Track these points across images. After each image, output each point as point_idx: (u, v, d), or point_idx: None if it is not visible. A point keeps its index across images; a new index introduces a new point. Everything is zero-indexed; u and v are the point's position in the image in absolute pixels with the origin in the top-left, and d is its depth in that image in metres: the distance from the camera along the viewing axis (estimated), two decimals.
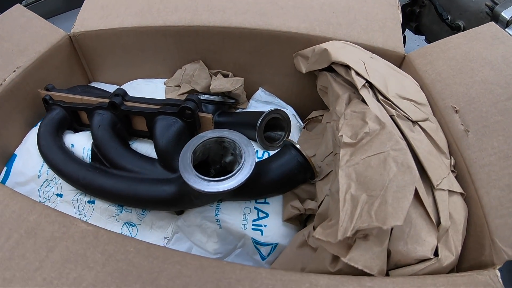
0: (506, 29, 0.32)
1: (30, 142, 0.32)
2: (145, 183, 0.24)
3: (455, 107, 0.21)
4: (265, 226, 0.23)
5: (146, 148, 0.28)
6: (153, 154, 0.28)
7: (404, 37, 0.42)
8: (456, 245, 0.16)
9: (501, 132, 0.19)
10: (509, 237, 0.16)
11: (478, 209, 0.17)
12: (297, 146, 0.22)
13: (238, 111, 0.33)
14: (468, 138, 0.20)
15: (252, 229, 0.23)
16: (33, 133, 0.32)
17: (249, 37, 0.29)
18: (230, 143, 0.20)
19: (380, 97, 0.21)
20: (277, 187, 0.22)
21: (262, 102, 0.33)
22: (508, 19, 0.31)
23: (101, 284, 0.13)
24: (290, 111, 0.32)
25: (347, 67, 0.23)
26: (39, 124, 0.34)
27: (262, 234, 0.22)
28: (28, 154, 0.31)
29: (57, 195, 0.29)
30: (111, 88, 0.38)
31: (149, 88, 0.36)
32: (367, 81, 0.21)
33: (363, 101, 0.20)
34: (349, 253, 0.14)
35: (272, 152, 0.26)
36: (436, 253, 0.15)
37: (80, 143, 0.30)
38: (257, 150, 0.26)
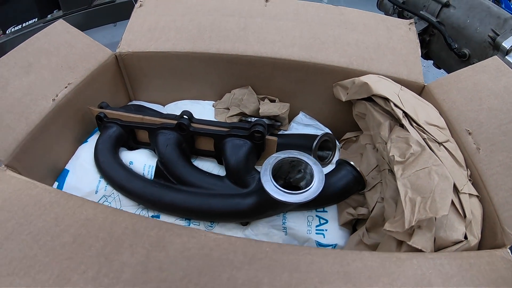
0: (506, 57, 0.45)
1: (83, 158, 0.39)
2: (218, 198, 0.32)
3: (469, 130, 0.33)
4: (326, 230, 0.32)
5: (207, 166, 0.37)
6: (214, 172, 0.36)
7: None
8: (477, 232, 0.26)
9: (505, 149, 0.30)
10: None
11: (490, 206, 0.28)
12: (352, 163, 0.32)
13: (281, 132, 0.43)
14: (480, 154, 0.31)
15: (316, 233, 0.32)
16: (85, 149, 0.40)
17: (296, 68, 0.39)
18: (301, 163, 0.30)
19: (414, 124, 0.31)
20: (336, 198, 0.32)
21: (302, 124, 0.43)
22: (508, 48, 0.45)
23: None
24: (327, 131, 0.43)
25: (386, 99, 0.33)
26: (89, 140, 0.41)
27: (324, 237, 0.32)
28: (83, 170, 0.39)
29: None
30: (154, 108, 0.47)
31: (195, 109, 0.45)
32: (403, 112, 0.32)
33: (403, 127, 0.31)
34: (412, 238, 0.23)
35: (323, 169, 0.36)
36: (465, 237, 0.25)
37: (140, 160, 0.38)
38: None
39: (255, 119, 0.41)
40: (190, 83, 0.44)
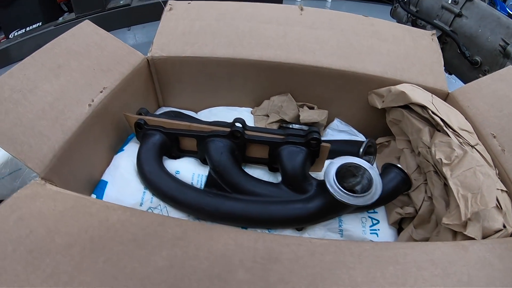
0: None
1: (123, 168, 0.42)
2: (278, 204, 0.37)
3: (493, 134, 0.42)
4: (378, 230, 0.39)
5: (257, 173, 0.42)
6: (264, 179, 0.42)
7: None
8: (511, 221, 0.34)
9: None
10: None
11: None
12: (399, 165, 0.39)
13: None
14: (505, 155, 0.40)
15: (370, 233, 0.39)
16: (123, 158, 0.43)
17: (336, 76, 0.46)
18: (359, 168, 0.36)
19: (450, 129, 0.40)
20: (387, 199, 0.39)
21: (337, 130, 0.50)
22: None
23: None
24: (361, 138, 0.50)
25: (423, 107, 0.41)
26: (125, 148, 0.45)
27: (377, 236, 0.39)
28: (124, 180, 0.41)
29: None
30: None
31: (232, 115, 0.50)
32: (440, 118, 0.40)
33: (443, 132, 0.39)
34: (466, 229, 0.31)
35: None
36: (504, 226, 0.33)
37: (187, 170, 0.42)
38: None
39: (296, 125, 0.47)
40: (227, 89, 0.49)
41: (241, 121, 0.40)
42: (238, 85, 0.49)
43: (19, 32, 1.34)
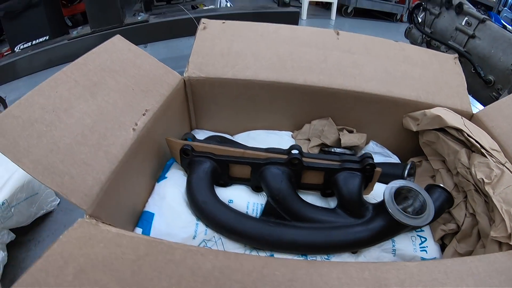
0: None
1: (171, 198, 0.45)
2: (338, 230, 0.45)
3: None
4: (427, 247, 0.49)
5: (310, 199, 0.50)
6: (317, 204, 0.50)
7: None
8: None
9: None
10: None
11: None
12: (441, 185, 0.50)
13: None
14: None
15: (420, 250, 0.48)
16: (168, 188, 0.47)
17: (375, 101, 0.56)
18: (412, 191, 0.46)
19: (484, 150, 0.52)
20: (434, 217, 0.49)
21: (372, 152, 0.60)
22: None
23: None
24: (395, 159, 0.61)
25: (459, 130, 0.53)
26: (168, 176, 0.49)
27: (426, 253, 0.48)
28: (173, 212, 0.44)
29: None
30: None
31: (272, 139, 0.57)
32: (475, 140, 0.52)
33: (478, 153, 0.50)
34: (511, 240, 0.42)
35: None
36: None
37: (242, 198, 0.48)
38: None
39: (338, 149, 0.57)
40: (267, 112, 0.57)
41: (298, 148, 0.48)
42: (279, 109, 0.56)
43: (25, 46, 1.40)
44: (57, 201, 0.81)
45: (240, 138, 0.59)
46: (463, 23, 0.79)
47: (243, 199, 0.48)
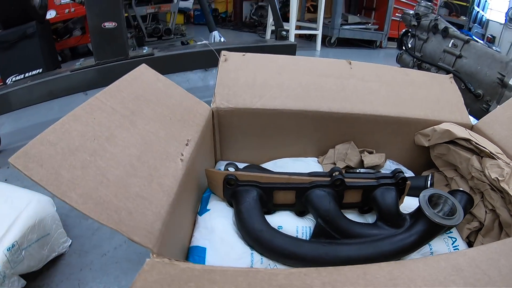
0: None
1: (221, 230, 0.52)
2: (385, 241, 0.58)
3: None
4: (458, 245, 0.63)
5: (350, 217, 0.63)
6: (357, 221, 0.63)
7: None
8: None
9: None
10: None
11: None
12: (461, 189, 0.66)
13: None
14: None
15: (453, 249, 0.63)
16: (215, 220, 0.53)
17: (391, 122, 0.71)
18: (441, 197, 0.61)
19: (493, 154, 0.70)
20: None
21: (388, 170, 0.76)
22: None
23: None
24: (410, 174, 0.77)
25: (467, 140, 0.71)
26: (210, 208, 0.56)
27: (459, 250, 0.63)
28: (226, 244, 0.50)
29: None
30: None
31: (299, 166, 0.70)
32: (483, 146, 0.70)
33: (488, 157, 0.68)
34: None
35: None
36: None
37: (290, 223, 0.58)
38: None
39: (362, 170, 0.72)
40: (294, 140, 0.70)
41: (339, 169, 0.61)
42: (305, 136, 0.68)
43: (18, 78, 1.51)
44: (69, 242, 0.83)
45: (267, 167, 0.67)
46: (449, 45, 1.02)
47: (291, 224, 0.57)
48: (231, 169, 0.56)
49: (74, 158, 0.35)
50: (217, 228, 0.52)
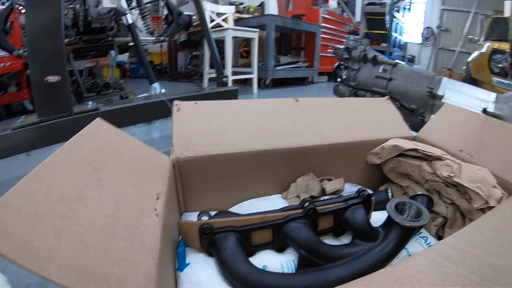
0: (442, 100, 1.07)
1: (207, 281, 0.52)
2: (367, 255, 0.63)
3: (460, 149, 0.82)
4: (430, 243, 0.69)
5: (328, 242, 0.68)
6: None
7: None
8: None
9: (483, 151, 0.81)
10: None
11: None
12: (420, 192, 0.73)
13: None
14: (475, 158, 0.78)
15: (428, 247, 0.69)
16: (198, 273, 0.53)
17: (344, 148, 0.79)
18: (406, 203, 0.67)
19: (439, 156, 0.78)
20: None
21: (349, 193, 0.82)
22: (441, 95, 1.06)
23: None
24: (369, 191, 0.84)
25: (414, 150, 0.80)
26: (190, 261, 0.55)
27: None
28: None
29: None
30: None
31: (265, 205, 0.73)
32: (429, 152, 0.79)
33: (436, 160, 0.77)
34: (489, 204, 0.66)
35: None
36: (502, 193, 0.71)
37: (274, 261, 0.61)
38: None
39: (326, 197, 0.77)
40: (256, 181, 0.74)
41: (309, 200, 0.67)
42: (267, 175, 0.73)
43: None
44: None
45: (234, 211, 0.71)
46: (380, 71, 1.16)
47: (275, 261, 0.59)
48: (205, 218, 0.59)
49: (45, 224, 0.33)
50: (203, 280, 0.53)
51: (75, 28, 2.36)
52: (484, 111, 1.14)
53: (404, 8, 9.22)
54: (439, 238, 0.73)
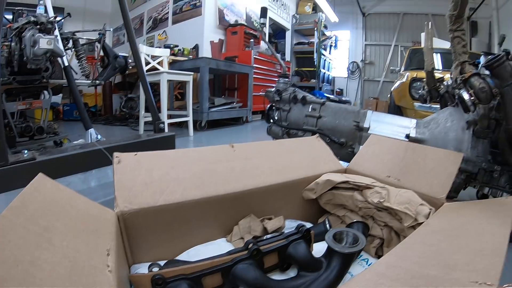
0: (368, 132, 1.20)
1: None
2: (314, 284, 0.68)
3: (388, 175, 0.93)
4: (371, 262, 0.77)
5: (275, 277, 0.72)
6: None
7: None
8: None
9: (408, 173, 0.92)
10: None
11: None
12: (356, 220, 0.81)
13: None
14: (402, 182, 0.90)
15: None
16: None
17: (280, 188, 0.86)
18: (343, 232, 0.74)
19: (368, 185, 0.88)
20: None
21: (290, 229, 0.89)
22: (367, 127, 1.20)
23: None
24: (309, 224, 0.91)
25: (345, 182, 0.88)
26: None
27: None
28: None
29: None
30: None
31: (211, 250, 0.77)
32: (360, 183, 0.88)
33: (366, 189, 0.86)
34: (418, 221, 0.75)
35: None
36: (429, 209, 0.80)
37: None
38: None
39: (268, 235, 0.82)
40: (200, 227, 0.78)
41: (252, 241, 0.71)
42: (210, 221, 0.78)
43: None
44: None
45: (182, 258, 0.73)
46: (309, 110, 1.27)
47: None
48: (155, 269, 0.62)
49: None
50: None
51: (9, 67, 2.26)
52: (407, 136, 1.27)
53: (331, 46, 9.99)
54: (379, 257, 0.81)
